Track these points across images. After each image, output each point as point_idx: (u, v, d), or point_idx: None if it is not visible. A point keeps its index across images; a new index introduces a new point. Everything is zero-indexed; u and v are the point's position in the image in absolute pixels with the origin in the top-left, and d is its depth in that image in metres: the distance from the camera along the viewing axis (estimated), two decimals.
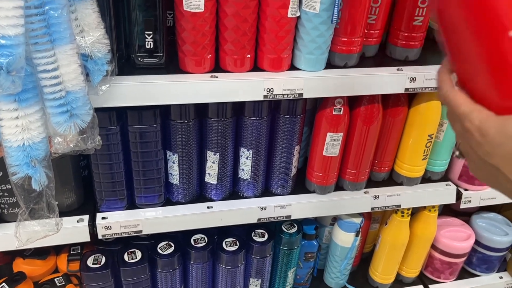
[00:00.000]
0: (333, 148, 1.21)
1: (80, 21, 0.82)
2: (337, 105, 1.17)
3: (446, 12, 0.50)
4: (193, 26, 0.95)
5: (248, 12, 0.96)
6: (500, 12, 0.46)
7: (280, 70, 1.06)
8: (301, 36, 1.04)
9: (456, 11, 0.49)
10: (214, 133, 1.12)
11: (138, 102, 0.97)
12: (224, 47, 1.01)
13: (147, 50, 0.99)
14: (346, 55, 1.09)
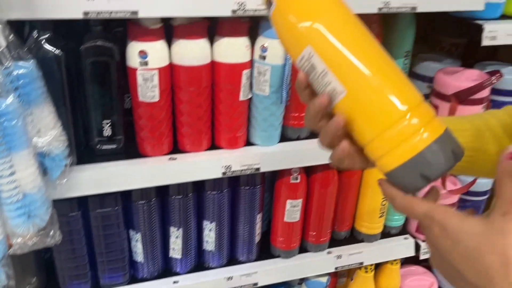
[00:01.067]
0: (294, 214, 1.26)
1: (37, 123, 0.84)
2: (294, 174, 1.22)
3: None
4: (149, 115, 0.99)
5: (202, 98, 1.02)
6: None
7: (237, 147, 1.11)
8: (254, 115, 1.09)
9: None
10: (176, 210, 1.14)
11: (98, 190, 0.99)
12: (181, 130, 1.05)
13: (106, 137, 1.02)
14: (298, 129, 1.15)
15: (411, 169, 0.53)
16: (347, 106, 0.55)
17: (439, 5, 1.05)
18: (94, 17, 0.82)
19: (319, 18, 0.54)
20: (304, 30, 0.54)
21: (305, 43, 0.54)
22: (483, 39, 1.12)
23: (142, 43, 0.92)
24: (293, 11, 0.55)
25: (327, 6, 0.55)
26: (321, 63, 0.54)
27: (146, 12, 0.85)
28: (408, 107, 0.52)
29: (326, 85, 0.55)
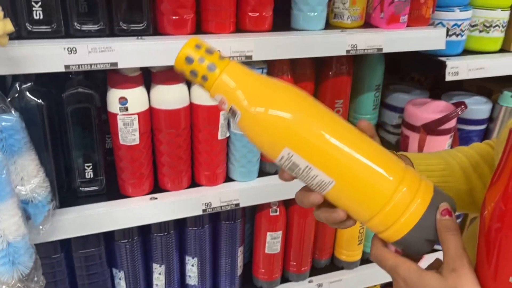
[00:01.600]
0: (274, 245, 1.29)
1: (20, 171, 0.87)
2: (273, 207, 1.25)
3: None
4: (130, 157, 1.02)
5: (181, 139, 1.05)
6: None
7: (216, 184, 1.14)
8: (232, 152, 1.13)
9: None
10: (158, 247, 1.16)
11: (80, 233, 1.01)
12: (162, 170, 1.09)
13: (87, 179, 1.05)
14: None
15: (416, 236, 0.54)
16: (339, 193, 0.56)
17: (404, 45, 1.12)
18: (75, 70, 0.86)
19: (291, 120, 0.52)
20: (278, 133, 0.52)
21: (282, 145, 0.53)
22: (446, 75, 1.19)
23: (122, 90, 0.96)
24: (263, 118, 0.52)
25: (296, 106, 0.54)
26: (303, 160, 0.53)
27: (125, 63, 0.89)
28: (397, 180, 0.54)
29: (313, 178, 0.54)
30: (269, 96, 0.53)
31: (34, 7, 0.84)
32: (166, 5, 0.92)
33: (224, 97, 0.54)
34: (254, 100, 0.53)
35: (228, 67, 0.54)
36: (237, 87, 0.53)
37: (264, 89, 0.54)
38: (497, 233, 0.49)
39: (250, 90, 0.53)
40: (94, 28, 0.90)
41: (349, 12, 1.09)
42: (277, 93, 0.54)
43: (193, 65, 0.53)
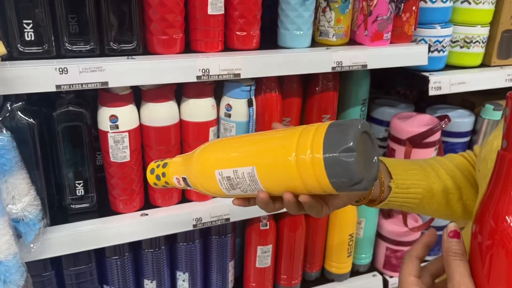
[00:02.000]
0: (265, 259, 1.30)
1: (11, 190, 0.87)
2: (263, 221, 1.27)
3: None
4: (121, 174, 1.04)
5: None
6: None
7: (206, 199, 1.15)
8: None
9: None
10: (149, 262, 1.17)
11: (71, 250, 1.02)
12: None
13: (78, 197, 1.06)
14: None
15: (332, 158, 0.56)
16: (265, 175, 0.63)
17: (387, 62, 1.15)
18: (66, 89, 0.87)
19: (209, 154, 0.69)
20: (207, 165, 0.68)
21: (212, 170, 0.67)
22: (429, 90, 1.23)
23: (112, 108, 0.98)
24: (196, 166, 0.70)
25: (209, 147, 0.70)
26: (228, 170, 0.65)
27: (116, 82, 0.91)
28: (295, 134, 0.61)
29: (244, 179, 0.65)
30: (195, 156, 0.71)
31: (25, 28, 0.86)
32: (156, 25, 0.94)
33: (178, 176, 0.73)
34: (190, 165, 0.71)
35: (170, 163, 0.74)
36: (179, 167, 0.73)
37: (191, 157, 0.71)
38: (488, 250, 0.50)
39: (186, 162, 0.72)
40: (85, 48, 0.92)
41: (334, 30, 1.13)
42: (200, 151, 0.71)
43: (160, 181, 0.76)
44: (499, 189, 0.51)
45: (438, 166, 0.84)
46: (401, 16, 1.16)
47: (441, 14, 1.24)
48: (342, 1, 1.10)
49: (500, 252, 0.49)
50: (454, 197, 0.81)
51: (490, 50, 1.34)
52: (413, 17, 1.17)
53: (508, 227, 0.48)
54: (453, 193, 0.82)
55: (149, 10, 0.94)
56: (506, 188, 0.50)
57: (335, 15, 1.11)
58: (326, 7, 1.11)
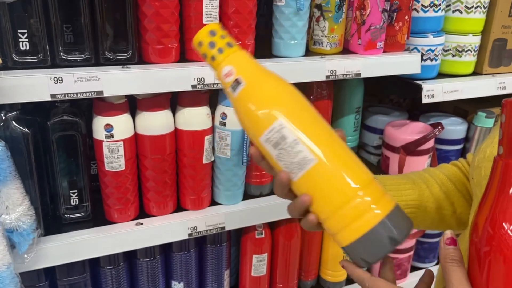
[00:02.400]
0: (260, 268, 1.30)
1: (5, 200, 0.87)
2: (259, 229, 1.27)
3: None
4: (116, 183, 1.03)
5: (166, 164, 1.07)
6: None
7: (202, 208, 1.15)
8: (217, 176, 1.15)
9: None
10: (144, 272, 1.16)
11: (65, 260, 1.01)
12: (147, 195, 1.10)
13: (73, 206, 1.05)
14: (260, 186, 1.21)
15: (366, 244, 0.56)
16: (312, 178, 0.58)
17: (381, 70, 1.16)
18: (61, 99, 0.87)
19: (291, 95, 0.61)
20: (278, 102, 0.59)
21: (275, 116, 0.58)
22: (423, 98, 1.24)
23: (107, 117, 0.98)
24: (268, 87, 0.61)
25: (294, 90, 0.62)
26: (292, 133, 0.57)
27: (111, 91, 0.91)
28: (362, 184, 0.57)
29: (296, 154, 0.58)
30: (274, 75, 0.62)
31: (20, 38, 0.86)
32: (151, 35, 0.95)
33: (234, 68, 0.61)
34: (262, 73, 0.62)
35: (240, 50, 0.63)
36: (248, 61, 0.63)
37: (269, 71, 0.63)
38: (486, 256, 0.50)
39: (258, 67, 0.63)
40: (80, 58, 0.92)
41: (328, 39, 1.14)
42: (280, 79, 0.62)
43: (214, 37, 0.62)
44: (496, 195, 0.51)
45: (432, 181, 0.83)
46: (394, 25, 1.17)
47: (433, 23, 1.26)
48: (335, 10, 1.11)
49: (498, 259, 0.49)
50: (447, 213, 0.82)
51: (482, 58, 1.36)
52: (406, 26, 1.19)
53: (506, 233, 0.49)
54: (446, 209, 0.82)
55: (144, 20, 0.94)
56: (503, 194, 0.51)
57: (329, 24, 1.12)
58: (319, 16, 1.13)
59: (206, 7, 0.96)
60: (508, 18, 1.32)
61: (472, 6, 1.26)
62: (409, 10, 1.18)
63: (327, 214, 0.59)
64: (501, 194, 0.51)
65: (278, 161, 0.60)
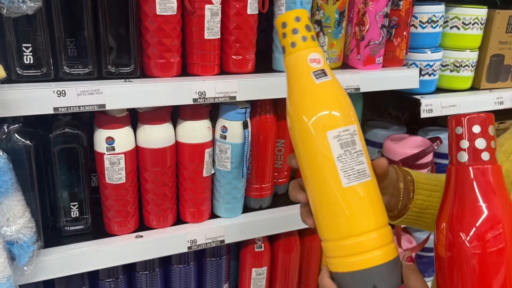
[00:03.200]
0: (259, 281, 1.29)
1: (6, 213, 0.87)
2: (258, 242, 1.27)
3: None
4: (116, 196, 1.04)
5: (167, 177, 1.07)
6: None
7: (201, 221, 1.15)
8: (217, 189, 1.15)
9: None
10: (143, 285, 1.16)
11: (65, 273, 1.01)
12: (147, 208, 1.10)
13: (73, 218, 1.05)
14: (260, 199, 1.22)
15: (352, 282, 0.58)
16: (356, 194, 0.59)
17: (380, 85, 1.18)
18: (64, 112, 0.88)
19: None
20: (354, 111, 0.62)
21: (354, 120, 0.60)
22: (421, 112, 1.25)
23: (109, 130, 0.99)
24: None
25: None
26: (361, 144, 0.60)
27: (113, 105, 0.92)
28: (376, 225, 0.59)
29: (358, 164, 0.59)
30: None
31: (25, 52, 0.87)
32: (153, 49, 0.96)
33: (322, 59, 0.62)
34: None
35: (313, 45, 0.63)
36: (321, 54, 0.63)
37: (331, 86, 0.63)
38: (449, 262, 0.55)
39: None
40: (83, 71, 0.93)
41: (328, 54, 1.15)
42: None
43: (301, 22, 0.62)
44: (447, 201, 0.56)
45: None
46: (393, 41, 1.19)
47: (431, 39, 1.28)
48: (335, 26, 1.13)
49: (457, 262, 0.54)
50: None
51: (480, 73, 1.38)
52: (404, 42, 1.20)
53: (455, 235, 0.54)
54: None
55: (146, 34, 0.95)
56: (448, 198, 0.56)
57: (329, 39, 1.14)
58: (319, 32, 1.14)
59: (208, 22, 0.98)
60: (505, 34, 1.34)
61: (470, 23, 1.28)
62: (408, 26, 1.20)
63: (332, 237, 0.60)
64: (450, 198, 0.56)
65: (337, 161, 0.59)
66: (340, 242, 0.59)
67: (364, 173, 0.59)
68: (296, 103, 0.62)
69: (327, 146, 0.59)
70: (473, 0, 1.32)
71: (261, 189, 1.21)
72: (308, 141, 0.60)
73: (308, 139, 0.60)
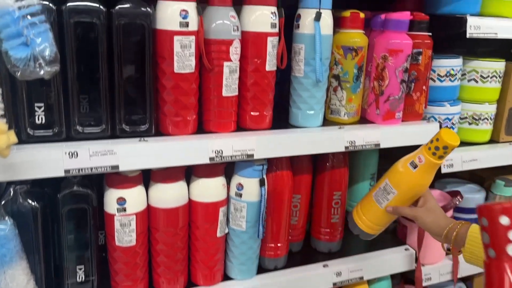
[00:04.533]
0: None
1: (10, 282, 0.81)
2: None
3: None
4: (125, 259, 0.98)
5: (179, 238, 1.01)
6: None
7: (214, 283, 1.09)
8: (231, 249, 1.09)
9: None
10: None
11: None
12: (157, 270, 1.03)
13: (78, 282, 0.99)
14: (275, 259, 1.15)
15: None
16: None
17: (400, 140, 1.14)
18: (75, 174, 0.84)
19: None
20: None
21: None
22: (441, 167, 1.21)
23: (120, 190, 0.94)
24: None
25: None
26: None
27: (127, 166, 0.88)
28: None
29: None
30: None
31: (37, 111, 0.84)
32: (170, 107, 0.93)
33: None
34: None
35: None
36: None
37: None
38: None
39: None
40: (96, 130, 0.89)
41: (346, 108, 1.12)
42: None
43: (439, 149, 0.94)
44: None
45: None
46: (412, 95, 1.16)
47: (450, 92, 1.25)
48: (353, 81, 1.10)
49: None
50: None
51: (498, 126, 1.34)
52: (423, 95, 1.18)
53: None
54: None
55: (163, 92, 0.92)
56: None
57: (347, 94, 1.11)
58: (337, 86, 1.12)
59: (226, 79, 0.95)
60: None
61: (488, 76, 1.26)
62: (427, 80, 1.17)
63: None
64: None
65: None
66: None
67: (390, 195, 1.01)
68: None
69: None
70: (490, 53, 1.31)
71: (277, 249, 1.15)
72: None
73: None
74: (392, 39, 1.08)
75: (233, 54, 0.94)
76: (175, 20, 0.87)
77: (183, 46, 0.89)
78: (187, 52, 0.89)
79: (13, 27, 0.63)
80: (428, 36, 1.14)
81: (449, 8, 1.19)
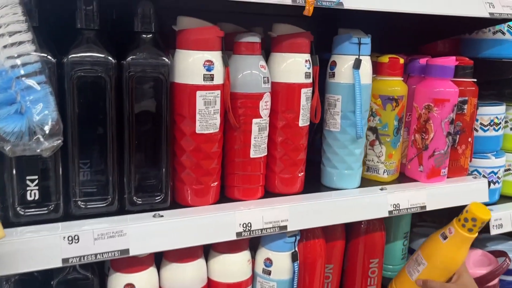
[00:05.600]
0: None
1: None
2: None
3: None
4: None
5: None
6: None
7: None
8: None
9: None
10: None
11: None
12: None
13: None
14: None
15: None
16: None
17: (447, 201, 1.00)
18: (75, 262, 0.67)
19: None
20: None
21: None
22: (490, 228, 1.07)
23: (128, 275, 0.77)
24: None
25: None
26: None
27: (139, 249, 0.72)
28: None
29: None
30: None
31: (28, 186, 0.68)
32: (189, 173, 0.78)
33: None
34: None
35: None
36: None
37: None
38: None
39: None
40: (101, 205, 0.73)
41: (385, 165, 0.98)
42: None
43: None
44: None
45: None
46: (457, 148, 1.03)
47: (494, 143, 1.13)
48: (394, 134, 0.97)
49: None
50: None
51: None
52: (469, 148, 1.05)
53: None
54: None
55: (181, 156, 0.77)
56: None
57: (386, 149, 0.97)
58: (375, 140, 0.98)
59: (255, 138, 0.81)
60: None
61: None
62: (472, 131, 1.04)
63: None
64: None
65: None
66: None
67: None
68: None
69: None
70: None
71: None
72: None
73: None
74: (437, 87, 0.95)
75: (263, 110, 0.80)
76: (198, 72, 0.73)
77: (207, 102, 0.74)
78: (211, 110, 0.75)
79: (2, 92, 0.48)
80: (473, 82, 1.02)
81: (492, 51, 1.08)
